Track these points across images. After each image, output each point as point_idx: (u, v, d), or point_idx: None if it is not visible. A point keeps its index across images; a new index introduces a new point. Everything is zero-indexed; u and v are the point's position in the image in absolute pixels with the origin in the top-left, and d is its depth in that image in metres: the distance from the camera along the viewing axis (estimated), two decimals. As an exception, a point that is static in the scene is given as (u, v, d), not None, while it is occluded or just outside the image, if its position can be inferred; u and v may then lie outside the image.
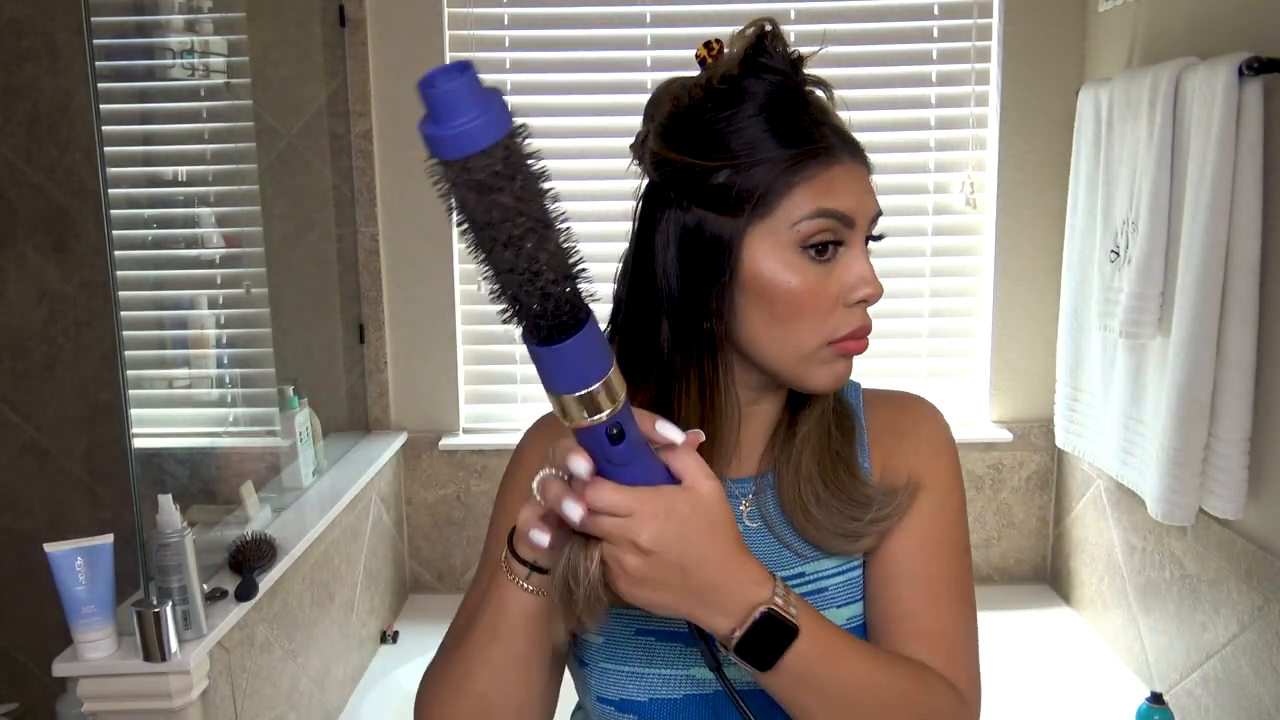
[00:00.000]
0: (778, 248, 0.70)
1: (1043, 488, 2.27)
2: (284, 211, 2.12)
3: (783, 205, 0.70)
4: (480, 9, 2.15)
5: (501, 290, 0.55)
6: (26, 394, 2.15)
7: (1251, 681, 1.50)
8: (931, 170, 2.19)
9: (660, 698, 0.76)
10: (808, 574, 0.78)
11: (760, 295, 0.71)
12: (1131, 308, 1.61)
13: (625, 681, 0.77)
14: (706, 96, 0.72)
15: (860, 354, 0.74)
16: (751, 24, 0.73)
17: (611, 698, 0.77)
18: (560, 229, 0.54)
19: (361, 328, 2.24)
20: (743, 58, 0.72)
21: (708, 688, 0.76)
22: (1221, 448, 1.46)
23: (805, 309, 0.71)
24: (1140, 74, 1.63)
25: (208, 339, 2.09)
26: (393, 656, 2.07)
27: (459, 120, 0.49)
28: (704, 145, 0.71)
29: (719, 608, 0.61)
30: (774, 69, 0.71)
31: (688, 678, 0.76)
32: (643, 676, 0.77)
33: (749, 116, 0.70)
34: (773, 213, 0.70)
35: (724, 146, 0.70)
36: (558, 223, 0.54)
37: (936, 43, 2.14)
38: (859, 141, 0.74)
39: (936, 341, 2.25)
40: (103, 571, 1.28)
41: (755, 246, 0.70)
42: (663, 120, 0.74)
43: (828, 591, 0.78)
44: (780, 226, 0.70)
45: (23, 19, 2.04)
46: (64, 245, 2.10)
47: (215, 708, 1.36)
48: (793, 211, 0.70)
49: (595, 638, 0.78)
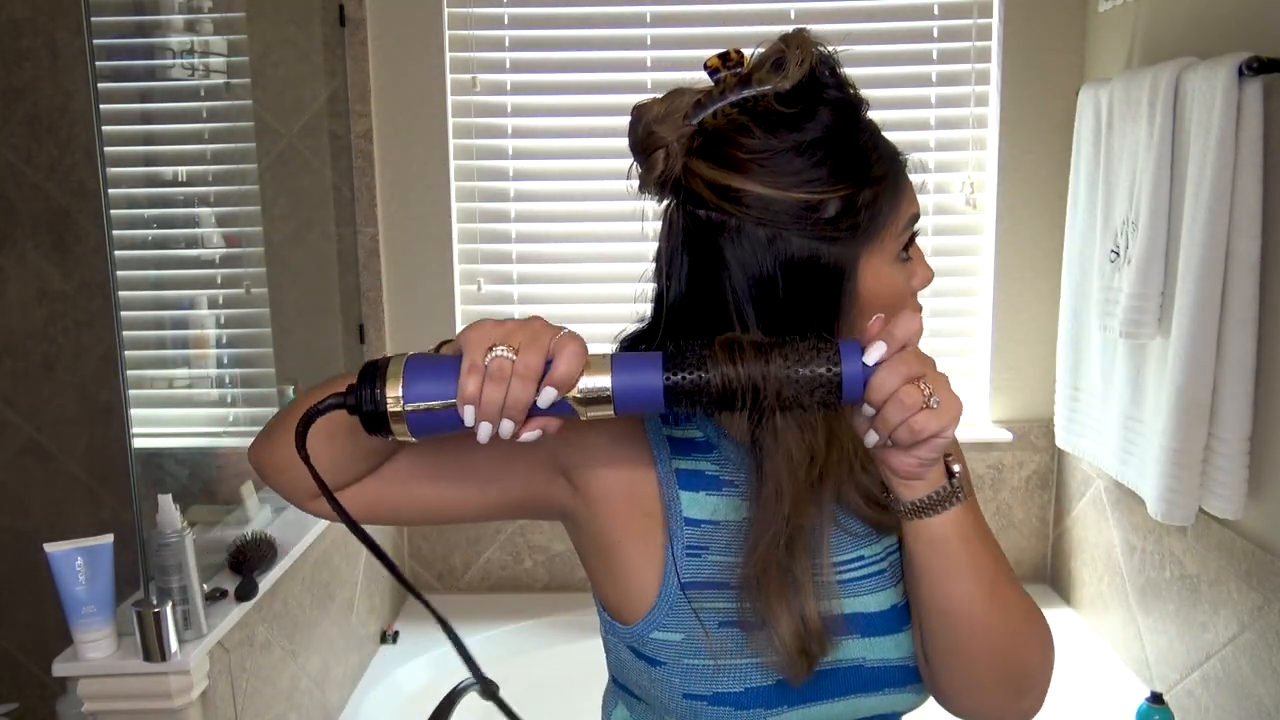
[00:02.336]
0: (886, 262, 0.72)
1: (1043, 488, 2.27)
2: (284, 211, 2.12)
3: (892, 220, 0.71)
4: (480, 9, 2.15)
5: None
6: (26, 394, 2.15)
7: (1251, 681, 1.50)
8: (931, 170, 2.19)
9: (754, 686, 0.77)
10: (866, 556, 0.81)
11: (872, 310, 0.72)
12: (1131, 308, 1.61)
13: (718, 675, 0.77)
14: (779, 123, 0.69)
15: None
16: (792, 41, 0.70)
17: (704, 693, 0.77)
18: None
19: (361, 328, 2.24)
20: (810, 79, 0.70)
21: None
22: (1221, 448, 1.46)
23: (899, 309, 0.72)
24: (1140, 74, 1.63)
25: (208, 339, 2.09)
26: (393, 656, 2.07)
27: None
28: (801, 176, 0.68)
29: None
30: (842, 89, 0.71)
31: (779, 663, 0.77)
32: (736, 667, 0.77)
33: (844, 141, 0.70)
34: (882, 231, 0.71)
35: (829, 175, 0.69)
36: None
37: (936, 43, 2.14)
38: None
39: (936, 341, 2.25)
40: (103, 571, 1.28)
41: (870, 266, 0.71)
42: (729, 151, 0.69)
43: (886, 572, 0.81)
44: (889, 240, 0.72)
45: (22, 19, 2.04)
46: (64, 245, 2.10)
47: (215, 708, 1.36)
48: (898, 224, 0.72)
49: (673, 635, 0.78)
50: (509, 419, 0.64)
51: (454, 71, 2.17)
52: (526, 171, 2.22)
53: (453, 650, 0.75)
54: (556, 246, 2.23)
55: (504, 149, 2.20)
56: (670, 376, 0.65)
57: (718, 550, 0.78)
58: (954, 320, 2.26)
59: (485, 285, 2.25)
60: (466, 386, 0.63)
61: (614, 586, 0.81)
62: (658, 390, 0.65)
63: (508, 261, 2.25)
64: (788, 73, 0.69)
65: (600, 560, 0.82)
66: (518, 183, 2.22)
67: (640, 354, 0.67)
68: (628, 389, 0.65)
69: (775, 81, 0.69)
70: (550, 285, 2.25)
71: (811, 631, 0.74)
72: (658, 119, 0.72)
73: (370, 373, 0.66)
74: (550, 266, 2.25)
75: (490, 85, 2.18)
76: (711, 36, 2.06)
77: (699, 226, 0.71)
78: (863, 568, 0.80)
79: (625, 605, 0.80)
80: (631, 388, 0.65)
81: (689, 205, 0.71)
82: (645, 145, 0.72)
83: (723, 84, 0.71)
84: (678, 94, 0.72)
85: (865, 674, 0.79)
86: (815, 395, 0.64)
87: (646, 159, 0.73)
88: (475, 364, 0.63)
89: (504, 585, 2.34)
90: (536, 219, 2.23)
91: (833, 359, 0.64)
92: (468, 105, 2.18)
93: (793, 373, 0.64)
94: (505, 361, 0.63)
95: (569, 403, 0.65)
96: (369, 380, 0.65)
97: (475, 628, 2.11)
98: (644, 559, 0.79)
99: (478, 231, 2.24)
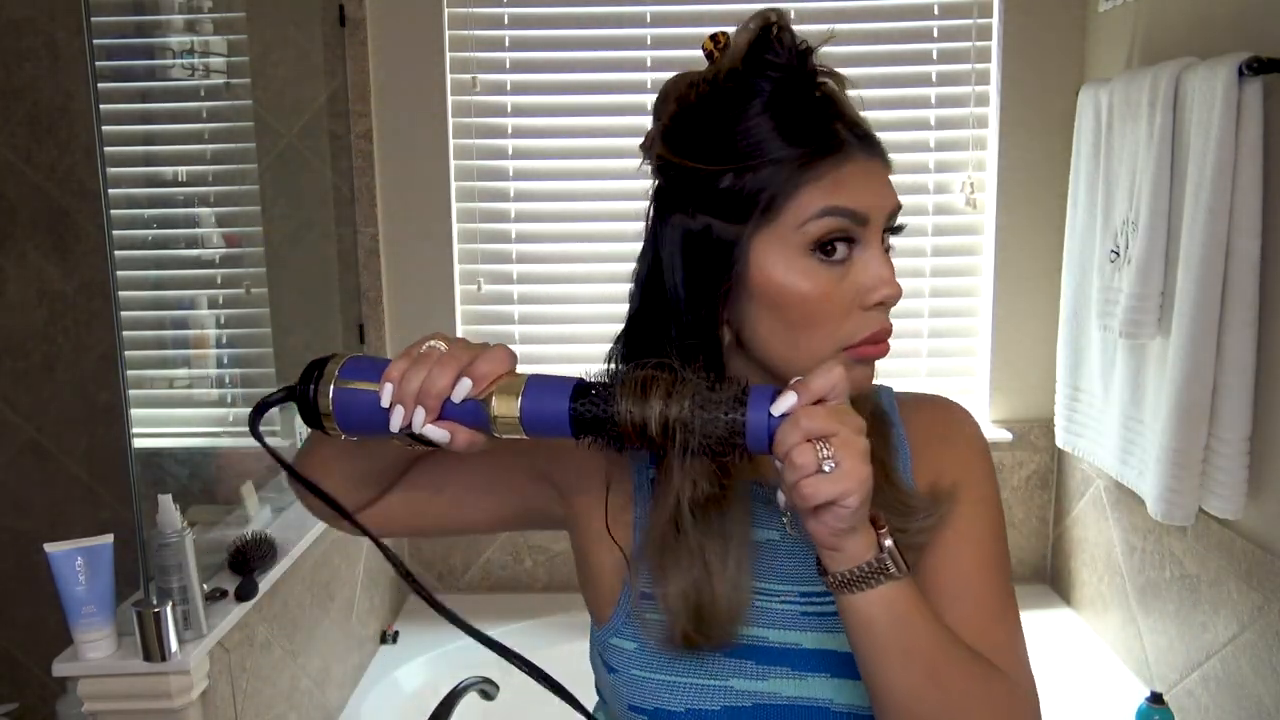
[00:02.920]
0: (786, 252, 0.67)
1: (1043, 488, 2.27)
2: (284, 211, 2.12)
3: (790, 207, 0.67)
4: (480, 9, 2.15)
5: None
6: (26, 394, 2.15)
7: (1251, 681, 1.50)
8: (931, 170, 2.19)
9: (697, 708, 0.74)
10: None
11: (771, 302, 0.68)
12: (1131, 308, 1.61)
13: (660, 690, 0.75)
14: (711, 94, 0.69)
15: (881, 358, 0.71)
16: (755, 17, 0.69)
17: (645, 706, 0.75)
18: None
19: (361, 328, 2.24)
20: (747, 52, 0.69)
21: (746, 700, 0.74)
22: (1221, 448, 1.46)
23: (819, 314, 0.68)
24: (1140, 74, 1.63)
25: (208, 339, 2.09)
26: (393, 656, 2.07)
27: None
28: (708, 148, 0.68)
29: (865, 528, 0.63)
30: (780, 64, 0.68)
31: (726, 688, 0.74)
32: (679, 686, 0.75)
33: (754, 115, 0.67)
34: (780, 216, 0.67)
35: (729, 149, 0.68)
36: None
37: (936, 43, 2.14)
38: (875, 134, 0.71)
39: (936, 341, 2.25)
40: (103, 571, 1.28)
41: (763, 252, 0.68)
42: (666, 121, 0.71)
43: None
44: (788, 230, 0.67)
45: (22, 19, 2.04)
46: (64, 245, 2.10)
47: (215, 708, 1.36)
48: (800, 213, 0.67)
49: (628, 644, 0.77)
50: (422, 405, 0.63)
51: (454, 71, 2.17)
52: (526, 171, 2.22)
53: (452, 650, 0.75)
54: (556, 246, 2.23)
55: (504, 149, 2.20)
56: (576, 406, 0.63)
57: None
58: (954, 320, 2.26)
59: (485, 285, 2.25)
60: (392, 370, 0.65)
61: (589, 589, 0.83)
62: (563, 418, 0.63)
63: (508, 261, 2.25)
64: (733, 50, 0.70)
65: (580, 563, 0.84)
66: (518, 183, 2.22)
67: (561, 378, 0.65)
68: (535, 411, 0.63)
69: (723, 58, 0.71)
70: (550, 285, 2.25)
71: (703, 605, 0.70)
72: (661, 96, 0.74)
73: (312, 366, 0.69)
74: (550, 266, 2.25)
75: (490, 85, 2.18)
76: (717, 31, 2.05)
77: (653, 198, 0.74)
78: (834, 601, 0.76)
79: (597, 609, 0.82)
80: (538, 410, 0.63)
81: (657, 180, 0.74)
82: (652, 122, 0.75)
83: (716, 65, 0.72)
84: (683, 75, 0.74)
85: (830, 717, 0.74)
86: (719, 443, 0.61)
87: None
88: (409, 352, 0.65)
89: (504, 585, 2.34)
90: (536, 219, 2.23)
91: (740, 405, 0.60)
92: (468, 105, 2.18)
93: (698, 416, 0.60)
94: (434, 350, 0.64)
95: (484, 414, 0.64)
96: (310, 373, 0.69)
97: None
98: (612, 563, 0.79)
99: (478, 231, 2.24)
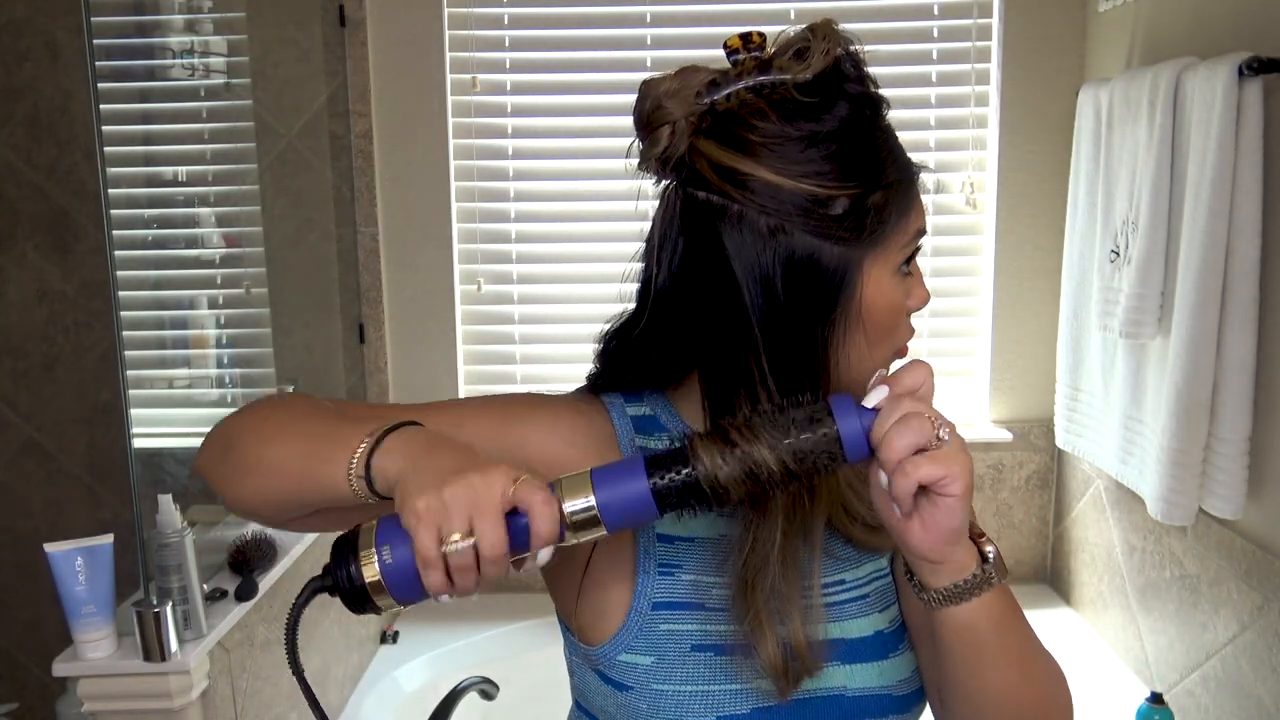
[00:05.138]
0: (888, 272, 0.68)
1: (1043, 488, 2.27)
2: (284, 211, 2.12)
3: (899, 229, 0.68)
4: (480, 9, 2.15)
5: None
6: (26, 394, 2.15)
7: (1251, 681, 1.50)
8: (931, 170, 2.18)
9: (727, 714, 0.73)
10: (848, 580, 0.77)
11: (869, 320, 0.68)
12: (1131, 308, 1.61)
13: (688, 702, 0.72)
14: (796, 112, 0.66)
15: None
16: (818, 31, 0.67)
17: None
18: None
19: (361, 328, 2.24)
20: (834, 71, 0.67)
21: (770, 699, 0.73)
22: (1221, 448, 1.46)
23: (896, 327, 0.70)
24: (1140, 74, 1.63)
25: (208, 339, 2.09)
26: (393, 656, 2.06)
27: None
28: (812, 167, 0.65)
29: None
30: (864, 85, 0.67)
31: (754, 691, 0.73)
32: (707, 694, 0.73)
33: (860, 138, 0.66)
34: (889, 238, 0.68)
35: (841, 171, 0.65)
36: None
37: (936, 43, 2.14)
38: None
39: (936, 341, 2.25)
40: (103, 571, 1.28)
41: (871, 273, 0.67)
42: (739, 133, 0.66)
43: (869, 597, 0.78)
44: (892, 252, 0.68)
45: (22, 19, 2.04)
46: (64, 245, 2.10)
47: (215, 708, 1.36)
48: (903, 235, 0.69)
49: (642, 658, 0.73)
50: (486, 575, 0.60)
51: (454, 71, 2.17)
52: (526, 171, 2.22)
53: (452, 650, 0.75)
54: (556, 246, 2.23)
55: (504, 149, 2.20)
56: (655, 482, 0.60)
57: (691, 569, 0.75)
58: (954, 320, 2.26)
59: (485, 285, 2.25)
60: (432, 581, 0.59)
61: (582, 602, 0.77)
62: (646, 498, 0.60)
63: (508, 261, 2.25)
64: (810, 62, 0.66)
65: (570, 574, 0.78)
66: (518, 183, 2.22)
67: (619, 463, 0.62)
68: (613, 505, 0.60)
69: (797, 69, 0.66)
70: (550, 285, 2.25)
71: (797, 654, 0.70)
72: (668, 94, 0.68)
73: (341, 547, 0.61)
74: (550, 266, 2.25)
75: (490, 85, 2.18)
76: (712, 36, 2.04)
77: (698, 210, 0.67)
78: (844, 592, 0.77)
79: (593, 624, 0.76)
80: (618, 502, 0.60)
81: (690, 187, 0.67)
82: (651, 120, 0.68)
83: (740, 66, 0.67)
84: (691, 71, 0.68)
85: (845, 703, 0.75)
86: (817, 461, 0.60)
87: (650, 134, 0.68)
88: (429, 559, 0.58)
89: (504, 585, 2.34)
90: (536, 219, 2.23)
91: (818, 420, 0.60)
92: (468, 105, 2.18)
93: (786, 445, 0.59)
94: (467, 552, 0.58)
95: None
96: (342, 556, 0.60)
97: (475, 628, 2.11)
98: (614, 575, 0.75)
99: (478, 231, 2.24)
